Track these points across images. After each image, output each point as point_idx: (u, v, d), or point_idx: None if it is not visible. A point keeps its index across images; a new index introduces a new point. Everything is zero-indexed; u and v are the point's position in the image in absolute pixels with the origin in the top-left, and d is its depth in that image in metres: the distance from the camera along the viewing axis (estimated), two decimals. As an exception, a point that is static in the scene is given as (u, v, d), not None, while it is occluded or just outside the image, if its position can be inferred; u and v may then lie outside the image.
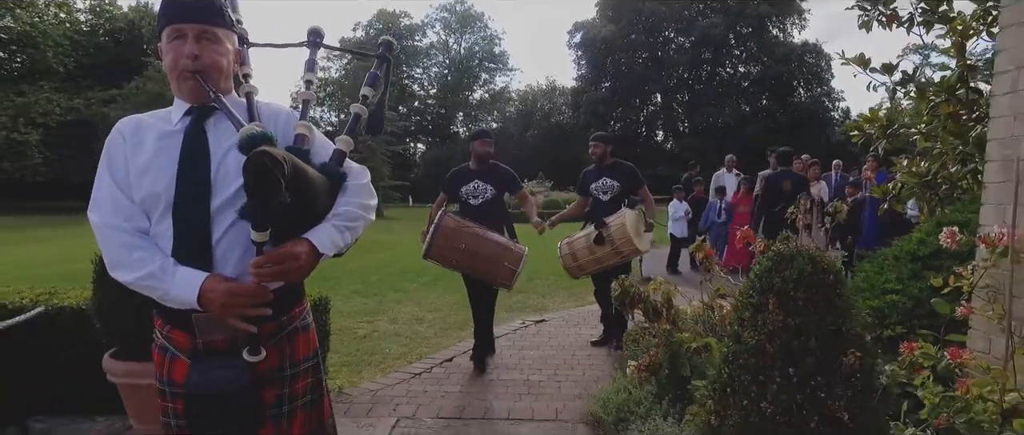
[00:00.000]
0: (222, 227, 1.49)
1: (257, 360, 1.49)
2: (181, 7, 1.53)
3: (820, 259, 1.82)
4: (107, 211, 1.51)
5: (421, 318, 6.40)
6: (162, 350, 1.57)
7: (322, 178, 1.54)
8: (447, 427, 3.54)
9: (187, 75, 1.52)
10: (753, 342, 1.79)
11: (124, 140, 1.56)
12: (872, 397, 1.73)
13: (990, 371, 1.96)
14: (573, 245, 4.91)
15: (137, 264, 1.46)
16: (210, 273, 1.47)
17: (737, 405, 1.79)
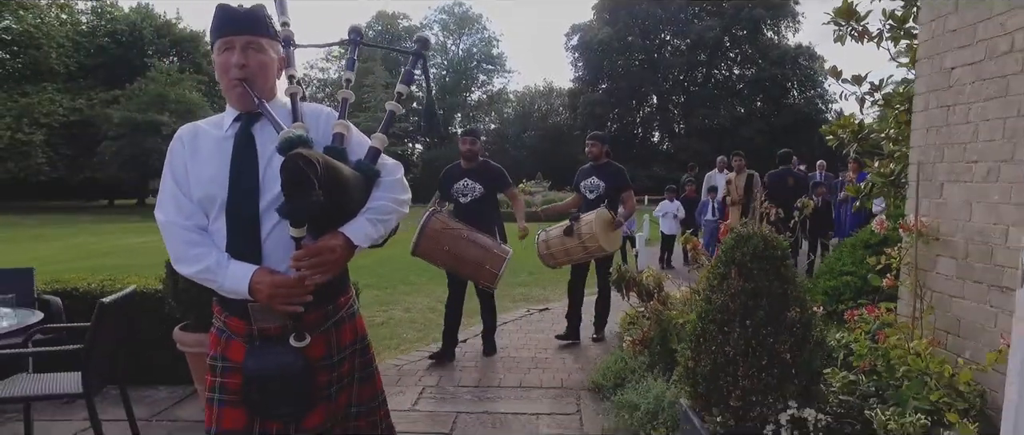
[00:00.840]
0: (269, 225, 1.61)
1: (303, 345, 1.61)
2: (230, 21, 1.66)
3: (771, 239, 2.35)
4: (170, 210, 1.65)
5: (433, 308, 6.88)
6: (219, 332, 1.71)
7: (356, 175, 1.63)
8: (467, 393, 4.06)
9: (235, 83, 1.64)
10: (719, 302, 2.32)
11: (184, 146, 1.69)
12: (809, 343, 2.25)
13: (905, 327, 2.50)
14: (548, 236, 5.09)
15: (196, 259, 1.60)
16: (259, 266, 1.59)
17: (707, 351, 2.32)
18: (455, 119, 55.06)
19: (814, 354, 2.26)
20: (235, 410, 1.63)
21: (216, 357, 1.68)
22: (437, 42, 55.98)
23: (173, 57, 41.64)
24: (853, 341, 2.61)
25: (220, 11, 1.66)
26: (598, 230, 4.74)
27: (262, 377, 1.59)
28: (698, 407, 2.43)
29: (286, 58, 1.77)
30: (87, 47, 37.50)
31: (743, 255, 2.32)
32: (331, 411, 1.70)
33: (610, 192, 5.26)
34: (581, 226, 4.79)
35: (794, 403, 2.23)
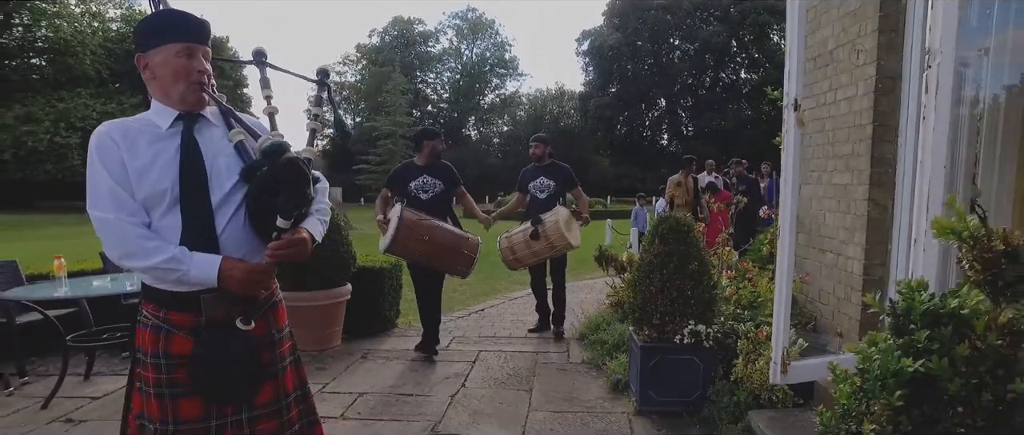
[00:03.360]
0: (224, 219, 1.70)
1: (249, 328, 1.74)
2: (194, 29, 1.75)
3: (680, 220, 3.70)
4: (111, 207, 1.63)
5: (454, 288, 8.25)
6: (156, 330, 1.72)
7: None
8: (487, 341, 5.44)
9: (197, 87, 1.73)
10: (647, 259, 3.67)
11: (116, 143, 1.66)
12: (702, 284, 3.57)
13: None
14: (511, 240, 5.15)
15: (155, 251, 1.62)
16: (225, 256, 1.68)
17: (639, 290, 3.66)
18: (469, 122, 56.50)
19: (706, 291, 3.60)
20: (190, 400, 1.71)
21: (157, 355, 1.71)
22: (451, 46, 57.51)
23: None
24: (739, 287, 3.97)
25: (181, 16, 1.75)
26: (563, 228, 4.90)
27: (214, 363, 1.69)
28: (635, 328, 3.79)
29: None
30: (117, 53, 38.88)
31: (662, 229, 3.67)
32: (279, 389, 1.84)
33: (561, 190, 5.47)
34: (547, 228, 4.93)
35: (693, 322, 3.57)
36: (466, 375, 4.46)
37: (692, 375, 3.59)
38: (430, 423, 3.58)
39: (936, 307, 1.03)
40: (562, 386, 4.21)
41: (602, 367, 4.47)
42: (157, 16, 1.81)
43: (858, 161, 3.20)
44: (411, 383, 4.30)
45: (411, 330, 5.82)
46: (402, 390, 4.16)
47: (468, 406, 3.85)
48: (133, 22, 41.82)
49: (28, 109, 32.12)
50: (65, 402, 3.94)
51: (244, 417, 1.76)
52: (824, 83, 3.61)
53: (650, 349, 3.62)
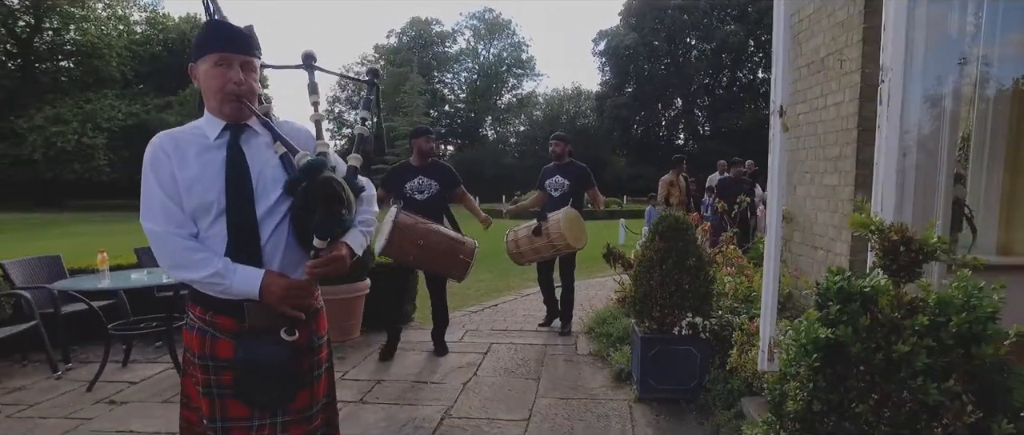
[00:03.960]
0: (268, 230, 1.70)
1: (293, 338, 1.76)
2: (232, 39, 1.72)
3: (679, 218, 3.92)
4: (161, 220, 1.66)
5: (468, 286, 8.49)
6: (202, 332, 1.76)
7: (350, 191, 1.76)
8: (498, 334, 5.69)
9: (233, 98, 1.71)
10: (648, 255, 3.90)
11: (168, 156, 1.69)
12: (700, 279, 3.80)
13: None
14: (517, 234, 5.25)
15: (202, 264, 1.65)
16: (266, 270, 1.69)
17: (641, 285, 3.89)
18: (486, 122, 56.80)
19: (703, 285, 3.82)
20: (237, 400, 1.75)
21: (205, 357, 1.75)
22: (468, 46, 57.87)
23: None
24: (737, 282, 4.18)
25: (221, 26, 1.75)
26: (565, 229, 4.95)
27: (252, 367, 1.72)
28: (637, 320, 4.02)
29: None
30: (142, 55, 39.61)
31: (662, 227, 3.90)
32: (313, 395, 1.85)
33: (575, 190, 5.51)
34: (549, 226, 5.00)
35: (690, 314, 3.80)
36: (478, 365, 4.72)
37: (690, 365, 3.82)
38: (444, 407, 3.84)
39: (847, 287, 1.26)
40: (568, 375, 4.45)
41: (607, 358, 4.70)
42: (203, 27, 1.80)
43: (845, 163, 3.41)
44: (426, 372, 4.57)
45: (427, 324, 6.10)
46: (418, 378, 4.43)
47: (479, 393, 4.11)
48: (157, 25, 42.66)
49: (57, 110, 32.94)
50: (107, 386, 4.26)
51: (278, 421, 1.77)
52: (816, 88, 3.81)
53: (650, 340, 3.85)
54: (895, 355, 1.16)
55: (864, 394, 1.18)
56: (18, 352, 4.83)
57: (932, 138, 3.26)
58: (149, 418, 3.69)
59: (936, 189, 3.33)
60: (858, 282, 1.28)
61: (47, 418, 3.70)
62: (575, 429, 3.49)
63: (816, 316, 1.32)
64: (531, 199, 6.05)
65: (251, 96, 1.75)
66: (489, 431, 3.47)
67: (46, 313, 4.59)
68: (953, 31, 3.29)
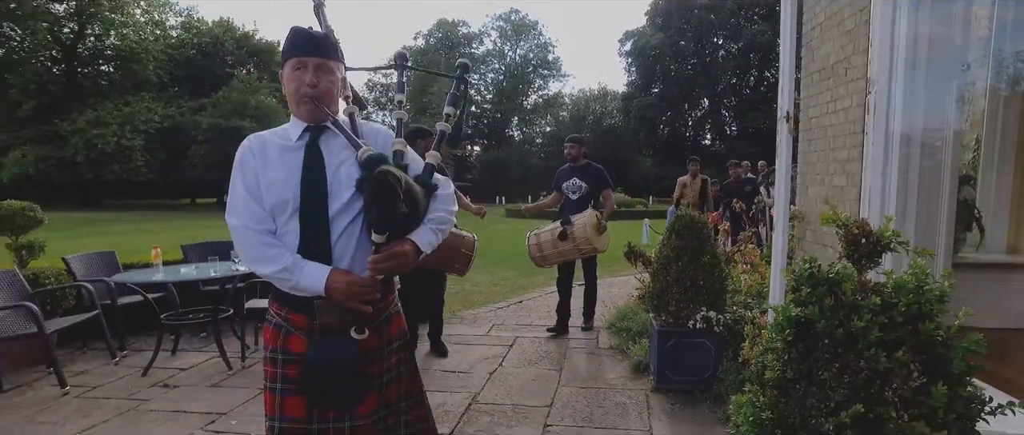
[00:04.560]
0: (339, 229, 1.74)
1: (362, 338, 1.76)
2: (305, 44, 1.78)
3: (694, 217, 4.12)
4: (243, 215, 1.75)
5: (495, 284, 8.81)
6: (277, 327, 1.82)
7: (420, 188, 1.77)
8: (523, 328, 5.94)
9: (307, 100, 1.76)
10: (664, 253, 4.11)
11: (254, 155, 1.78)
12: (714, 275, 3.99)
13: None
14: (540, 238, 5.21)
15: (273, 259, 1.71)
16: (333, 267, 1.72)
17: (658, 280, 4.11)
18: (512, 122, 57.13)
19: (717, 281, 4.02)
20: (296, 398, 1.78)
21: (276, 350, 1.81)
22: (495, 48, 58.22)
23: (251, 66, 44.88)
24: (751, 279, 4.37)
25: (297, 33, 1.80)
26: (591, 232, 4.99)
27: (322, 367, 1.74)
28: (654, 314, 4.23)
29: (344, 81, 1.91)
30: (177, 59, 40.55)
31: (678, 226, 4.11)
32: (382, 400, 1.86)
33: (593, 192, 5.54)
34: (575, 230, 5.00)
35: (705, 309, 4.00)
36: (503, 357, 4.97)
37: (704, 356, 4.01)
38: (471, 395, 4.09)
39: (816, 273, 1.48)
40: (589, 367, 4.68)
41: (626, 351, 4.91)
42: (286, 35, 1.83)
43: (852, 166, 3.57)
44: (454, 362, 4.84)
45: (454, 318, 6.38)
46: (446, 368, 4.69)
47: (504, 382, 4.36)
48: (191, 29, 43.70)
49: (98, 113, 34.05)
50: (159, 371, 4.61)
51: (347, 425, 1.79)
52: (826, 94, 3.98)
53: (666, 333, 4.06)
54: (853, 330, 1.37)
55: (828, 363, 1.39)
56: (78, 340, 5.22)
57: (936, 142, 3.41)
58: (199, 400, 4.01)
59: (940, 191, 3.48)
60: (825, 269, 1.49)
61: (110, 398, 4.05)
62: (594, 415, 3.71)
63: (791, 298, 1.54)
64: (547, 200, 6.06)
65: (327, 97, 1.79)
66: (513, 416, 3.72)
67: (104, 304, 4.96)
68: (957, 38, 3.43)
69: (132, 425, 3.61)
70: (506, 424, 3.59)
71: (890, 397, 1.35)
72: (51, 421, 3.68)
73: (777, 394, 1.48)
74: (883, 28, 2.45)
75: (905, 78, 3.19)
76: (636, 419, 3.64)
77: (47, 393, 4.15)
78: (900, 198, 3.26)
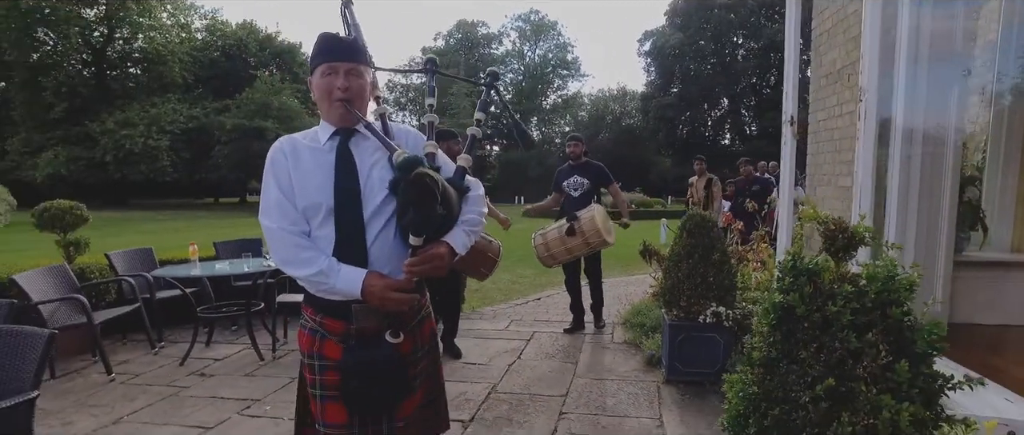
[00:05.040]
0: (374, 231, 1.73)
1: (398, 342, 1.75)
2: (336, 48, 1.79)
3: (704, 216, 4.29)
4: (276, 217, 1.74)
5: (515, 281, 9.02)
6: (312, 332, 1.81)
7: (453, 190, 1.76)
8: (541, 323, 6.14)
9: (338, 103, 1.76)
10: (677, 250, 4.28)
11: (286, 157, 1.78)
12: (723, 272, 4.15)
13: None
14: (546, 236, 5.26)
15: (307, 262, 1.70)
16: (369, 270, 1.70)
17: (670, 276, 4.28)
18: (531, 122, 57.26)
19: (726, 278, 4.19)
20: (337, 405, 1.77)
21: (313, 355, 1.80)
22: (514, 48, 58.44)
23: (273, 68, 45.53)
24: (761, 276, 4.53)
25: (327, 38, 1.81)
26: (600, 225, 5.05)
27: (361, 371, 1.72)
28: (666, 309, 4.41)
29: (373, 84, 1.92)
30: (202, 61, 41.32)
31: (689, 224, 4.28)
32: (414, 403, 1.88)
33: (594, 188, 5.67)
34: (582, 224, 5.06)
35: (714, 304, 4.16)
36: (521, 350, 5.18)
37: (713, 350, 4.18)
38: (491, 385, 4.30)
39: (798, 264, 1.66)
40: (604, 360, 4.87)
41: (640, 346, 5.09)
42: (315, 41, 1.84)
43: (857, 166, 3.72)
44: (474, 355, 5.05)
45: (475, 315, 6.60)
46: (467, 360, 4.91)
47: (522, 373, 4.56)
48: (215, 31, 44.48)
49: (126, 115, 34.85)
50: (195, 361, 4.88)
51: (385, 428, 1.81)
52: (833, 97, 4.13)
53: (677, 327, 4.23)
54: (829, 314, 1.55)
55: (807, 344, 1.57)
56: (119, 332, 5.53)
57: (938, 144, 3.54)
58: (235, 388, 4.27)
59: (941, 191, 3.61)
60: (805, 260, 1.68)
61: (152, 385, 4.33)
62: (607, 404, 3.91)
63: (775, 287, 1.72)
64: (547, 201, 6.10)
65: (358, 100, 1.81)
66: (530, 405, 3.92)
67: (143, 298, 5.25)
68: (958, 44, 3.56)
69: (175, 409, 3.88)
70: (523, 412, 3.79)
71: (861, 373, 1.53)
72: (100, 404, 3.96)
73: (763, 372, 1.67)
74: (872, 37, 2.61)
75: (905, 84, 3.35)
76: (647, 408, 3.82)
77: (94, 379, 4.44)
78: (901, 199, 3.41)
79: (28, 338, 2.53)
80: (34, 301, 4.37)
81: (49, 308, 4.46)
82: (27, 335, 2.54)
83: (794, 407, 1.57)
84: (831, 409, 1.52)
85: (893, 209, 3.50)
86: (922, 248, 3.60)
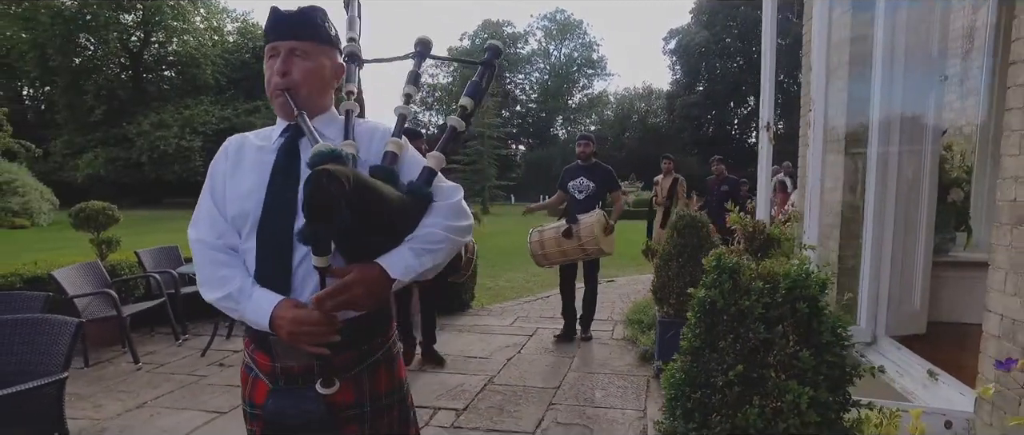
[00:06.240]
0: (303, 250, 1.38)
1: (330, 392, 1.40)
2: (274, 25, 1.47)
3: (695, 216, 4.46)
4: (203, 228, 1.49)
5: (528, 280, 9.24)
6: (247, 369, 1.52)
7: (405, 198, 1.40)
8: (545, 320, 6.35)
9: (277, 93, 1.46)
10: (667, 249, 4.46)
11: (226, 158, 1.53)
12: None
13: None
14: (543, 235, 5.11)
15: (220, 283, 1.42)
16: (284, 298, 1.38)
17: (661, 274, 4.46)
18: (556, 122, 57.47)
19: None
20: None
21: (245, 401, 1.52)
22: (540, 47, 58.56)
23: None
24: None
25: (270, 13, 1.50)
26: (599, 233, 4.95)
27: (280, 424, 1.42)
28: (658, 306, 4.59)
29: (347, 73, 1.61)
30: (233, 63, 42.20)
31: (680, 224, 4.46)
32: None
33: (601, 192, 5.41)
34: (580, 229, 4.91)
35: (703, 301, 4.33)
36: (523, 345, 5.40)
37: (702, 346, 4.35)
38: (488, 377, 4.54)
39: (720, 263, 1.85)
40: (600, 355, 5.07)
41: (636, 342, 5.27)
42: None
43: (837, 169, 3.86)
44: (477, 349, 5.29)
45: (483, 311, 6.85)
46: (469, 353, 5.15)
47: (520, 367, 4.79)
48: (247, 34, 45.45)
49: (160, 116, 35.95)
50: (216, 353, 5.21)
51: None
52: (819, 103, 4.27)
53: (668, 323, 4.41)
54: (743, 307, 1.75)
55: (725, 335, 1.77)
56: (146, 325, 5.89)
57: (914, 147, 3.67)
58: (251, 377, 4.58)
59: (920, 193, 3.74)
60: (727, 259, 1.87)
61: (176, 374, 4.66)
62: (596, 397, 4.11)
63: (701, 282, 1.92)
64: (552, 199, 5.91)
65: (305, 88, 1.47)
66: (523, 396, 4.14)
67: (169, 293, 5.60)
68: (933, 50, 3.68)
69: (195, 396, 4.19)
70: (515, 402, 4.02)
71: (771, 361, 1.72)
72: (128, 390, 4.29)
73: (690, 360, 1.87)
74: (819, 47, 2.77)
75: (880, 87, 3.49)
76: (633, 400, 4.02)
77: (123, 368, 4.79)
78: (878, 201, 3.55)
79: (59, 326, 2.83)
80: (70, 295, 4.72)
81: (83, 301, 4.81)
82: (58, 323, 2.84)
83: (713, 391, 1.77)
84: (743, 393, 1.72)
85: (870, 211, 3.64)
86: (900, 249, 3.73)
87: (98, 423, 3.73)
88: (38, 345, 2.83)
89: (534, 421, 3.69)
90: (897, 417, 2.08)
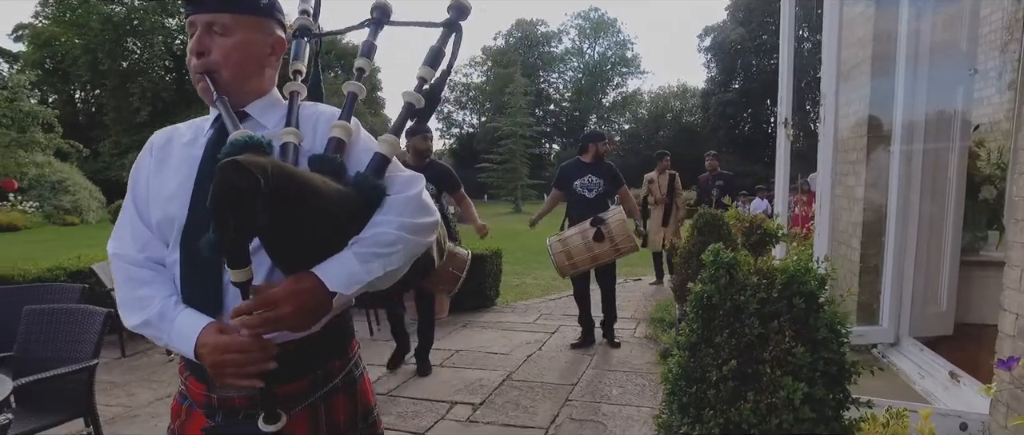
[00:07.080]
0: None
1: (274, 429, 1.15)
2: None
3: (715, 214, 4.42)
4: (123, 239, 1.26)
5: (555, 278, 9.15)
6: (181, 397, 1.30)
7: (348, 192, 1.16)
8: (568, 318, 6.37)
9: (195, 76, 1.24)
10: (688, 247, 4.43)
11: (151, 155, 1.30)
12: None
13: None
14: (567, 243, 4.72)
15: (138, 306, 1.19)
16: (210, 321, 1.15)
17: (681, 272, 4.44)
18: (590, 120, 57.21)
19: (733, 274, 4.31)
20: None
21: (174, 431, 1.30)
22: (574, 46, 58.34)
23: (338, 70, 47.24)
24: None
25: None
26: (630, 230, 4.75)
27: None
28: (678, 304, 4.57)
29: (296, 50, 1.42)
30: (273, 63, 43.76)
31: (700, 222, 4.43)
32: None
33: (610, 190, 5.15)
34: (611, 228, 4.62)
35: (723, 300, 4.29)
36: (543, 343, 5.43)
37: (722, 345, 4.31)
38: (507, 372, 4.58)
39: (717, 259, 1.85)
40: (620, 353, 5.06)
41: (657, 341, 5.25)
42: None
43: (859, 166, 3.79)
44: (498, 345, 5.34)
45: (507, 308, 6.90)
46: (490, 350, 5.20)
47: (539, 363, 4.81)
48: (287, 34, 46.46)
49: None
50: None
51: None
52: (842, 97, 4.19)
53: (687, 322, 4.38)
54: (739, 303, 1.76)
55: (722, 329, 1.77)
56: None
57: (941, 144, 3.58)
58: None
59: (947, 191, 3.64)
60: (724, 255, 1.87)
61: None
62: (612, 393, 4.11)
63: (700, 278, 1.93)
64: (546, 202, 5.64)
65: (229, 69, 1.25)
66: (540, 391, 4.17)
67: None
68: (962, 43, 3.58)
69: (222, 386, 4.33)
70: (531, 397, 4.05)
71: (766, 357, 1.72)
72: (160, 380, 4.46)
73: (688, 354, 1.87)
74: (830, 41, 2.73)
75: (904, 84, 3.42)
76: (649, 398, 4.01)
77: (157, 359, 4.97)
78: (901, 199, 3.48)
79: (90, 315, 2.97)
80: (108, 288, 4.92)
81: (119, 295, 5.02)
82: (89, 313, 2.98)
83: (708, 386, 1.77)
84: (737, 388, 1.72)
85: (893, 209, 3.57)
86: (925, 248, 3.64)
87: (131, 410, 3.89)
88: (72, 334, 2.97)
89: (549, 417, 3.72)
90: (905, 417, 2.06)
